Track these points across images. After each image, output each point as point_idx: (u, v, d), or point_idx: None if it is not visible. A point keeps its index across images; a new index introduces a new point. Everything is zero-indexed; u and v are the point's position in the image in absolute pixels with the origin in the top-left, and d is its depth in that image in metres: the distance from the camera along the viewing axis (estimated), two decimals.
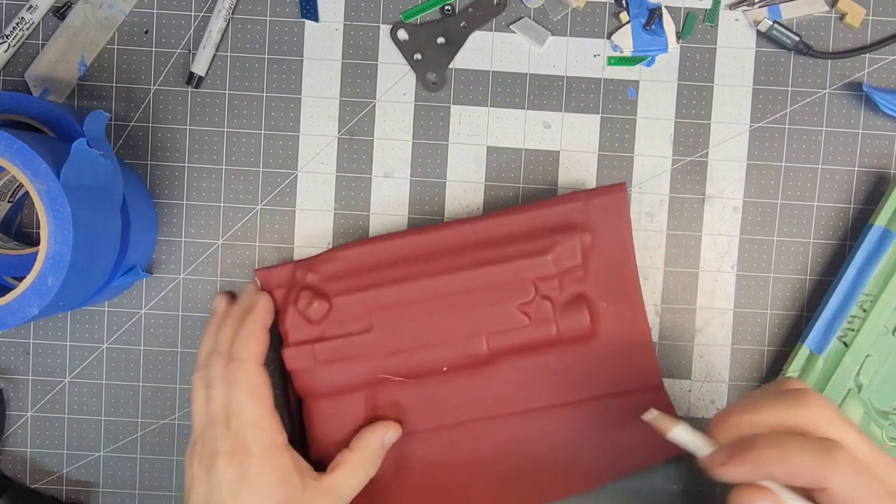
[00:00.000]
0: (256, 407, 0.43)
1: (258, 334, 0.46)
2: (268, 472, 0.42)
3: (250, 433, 0.43)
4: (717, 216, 0.52)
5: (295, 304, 0.47)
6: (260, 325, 0.46)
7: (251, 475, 0.42)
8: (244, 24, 0.51)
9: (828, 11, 0.51)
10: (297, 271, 0.49)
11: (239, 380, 0.44)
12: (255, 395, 0.44)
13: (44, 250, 0.40)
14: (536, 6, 0.51)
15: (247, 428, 0.43)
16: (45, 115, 0.46)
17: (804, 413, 0.35)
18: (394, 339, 0.47)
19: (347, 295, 0.47)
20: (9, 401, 0.52)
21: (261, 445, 0.43)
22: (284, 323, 0.48)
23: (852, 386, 0.49)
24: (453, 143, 0.52)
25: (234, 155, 0.52)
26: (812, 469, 0.33)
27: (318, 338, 0.47)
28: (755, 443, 0.34)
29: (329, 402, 0.48)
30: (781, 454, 0.34)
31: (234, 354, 0.45)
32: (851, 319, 0.49)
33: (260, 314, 0.46)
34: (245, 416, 0.43)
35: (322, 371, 0.47)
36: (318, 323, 0.47)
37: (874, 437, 0.49)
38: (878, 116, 0.51)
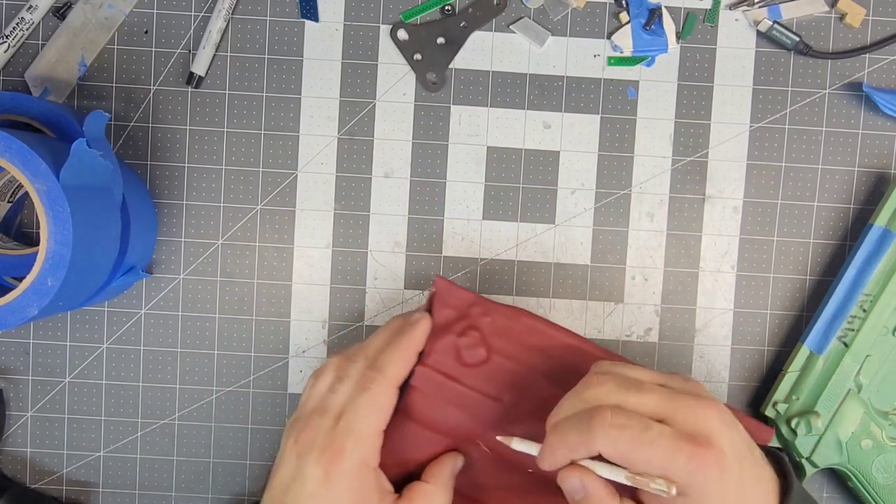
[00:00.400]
0: (371, 422, 0.43)
1: (408, 356, 0.45)
2: (352, 487, 0.42)
3: (351, 443, 0.42)
4: (717, 216, 0.52)
5: (457, 335, 0.46)
6: (414, 348, 0.45)
7: (335, 483, 0.41)
8: (244, 24, 0.51)
9: (828, 11, 0.51)
10: (476, 307, 0.46)
11: (370, 389, 0.43)
12: (377, 410, 0.43)
13: (44, 250, 0.40)
14: (536, 6, 0.51)
15: (351, 436, 0.42)
16: (45, 115, 0.46)
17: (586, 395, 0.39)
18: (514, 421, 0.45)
19: (507, 361, 0.46)
20: (9, 401, 0.52)
21: (355, 459, 0.42)
22: (434, 343, 0.46)
23: (852, 386, 0.49)
24: (453, 143, 0.52)
25: (234, 155, 0.52)
26: (580, 442, 0.37)
27: (456, 377, 0.46)
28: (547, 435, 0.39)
29: (420, 430, 0.46)
30: (560, 437, 0.38)
31: (378, 364, 0.44)
32: (851, 319, 0.49)
33: (418, 338, 0.45)
34: (355, 425, 0.42)
35: (437, 405, 0.45)
36: (464, 364, 0.46)
37: (874, 438, 0.49)
38: (877, 116, 0.51)
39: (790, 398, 0.49)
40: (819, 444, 0.49)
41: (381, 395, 0.43)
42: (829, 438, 0.49)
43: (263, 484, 0.49)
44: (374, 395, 0.43)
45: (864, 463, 0.49)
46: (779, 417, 0.49)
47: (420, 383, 0.45)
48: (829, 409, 0.49)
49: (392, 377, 0.43)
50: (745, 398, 0.52)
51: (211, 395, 0.52)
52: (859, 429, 0.49)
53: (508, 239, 0.52)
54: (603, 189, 0.52)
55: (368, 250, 0.52)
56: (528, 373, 0.46)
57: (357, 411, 0.42)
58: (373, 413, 0.43)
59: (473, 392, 0.45)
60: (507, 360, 0.46)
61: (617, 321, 0.52)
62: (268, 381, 0.52)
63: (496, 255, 0.52)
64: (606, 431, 0.36)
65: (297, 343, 0.52)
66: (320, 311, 0.52)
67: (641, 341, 0.52)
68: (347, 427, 0.42)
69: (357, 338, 0.53)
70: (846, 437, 0.49)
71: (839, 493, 0.52)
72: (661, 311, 0.52)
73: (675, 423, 0.37)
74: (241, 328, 0.52)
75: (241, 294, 0.52)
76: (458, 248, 0.52)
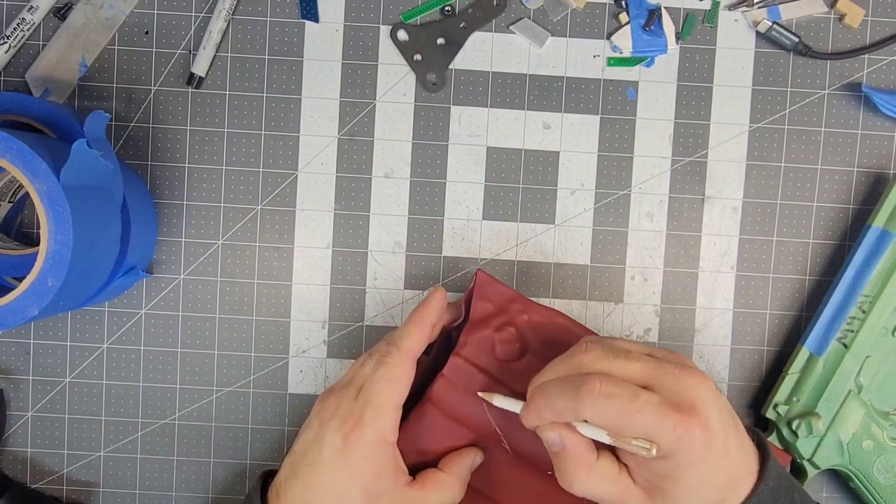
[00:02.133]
0: (387, 395, 0.43)
1: (419, 328, 0.45)
2: (368, 458, 0.42)
3: (369, 415, 0.42)
4: (717, 216, 0.52)
5: (494, 330, 0.46)
6: (423, 320, 0.45)
7: (352, 452, 0.42)
8: (244, 24, 0.51)
9: (827, 12, 0.51)
10: (515, 303, 0.47)
11: (386, 363, 0.44)
12: (392, 383, 0.43)
13: (44, 250, 0.40)
14: (536, 7, 0.51)
15: (369, 408, 0.43)
16: (45, 115, 0.46)
17: (574, 361, 0.40)
18: None
19: (538, 360, 0.45)
20: (9, 401, 0.52)
21: (373, 432, 0.42)
22: (470, 335, 0.46)
23: (852, 387, 0.49)
24: (453, 144, 0.52)
25: (234, 155, 0.52)
26: (567, 408, 0.38)
27: (488, 371, 0.46)
28: (531, 395, 0.40)
29: (444, 420, 0.46)
30: (546, 400, 0.39)
31: (394, 338, 0.45)
32: (850, 321, 0.49)
33: (427, 309, 0.45)
34: (372, 397, 0.43)
35: (465, 397, 0.45)
36: (497, 359, 0.46)
37: (875, 438, 0.49)
38: (877, 117, 0.51)
39: (791, 400, 0.49)
40: (820, 445, 0.49)
41: (396, 368, 0.43)
42: (830, 440, 0.49)
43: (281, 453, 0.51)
44: (390, 369, 0.43)
45: (866, 464, 0.49)
46: (779, 419, 0.49)
47: (451, 373, 0.45)
48: (829, 411, 0.49)
49: (404, 350, 0.44)
50: (745, 398, 0.52)
51: (211, 395, 0.52)
52: (860, 430, 0.49)
53: (508, 239, 0.52)
54: (603, 189, 0.52)
55: (368, 250, 0.52)
56: None
57: (374, 384, 0.43)
58: (388, 386, 0.43)
59: (503, 388, 0.45)
60: (540, 360, 0.46)
61: (616, 321, 0.52)
62: (268, 381, 0.52)
63: (496, 256, 0.52)
64: (595, 400, 0.37)
65: (297, 343, 0.52)
66: (320, 312, 0.52)
67: (641, 341, 0.52)
68: (366, 399, 0.43)
69: (357, 338, 0.53)
70: (847, 439, 0.49)
71: (841, 493, 0.52)
72: (660, 311, 0.52)
73: (661, 391, 0.38)
74: (241, 328, 0.52)
75: (241, 294, 0.52)
76: (458, 248, 0.52)
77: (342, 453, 0.42)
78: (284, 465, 0.44)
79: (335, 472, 0.42)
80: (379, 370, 0.44)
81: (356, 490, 0.42)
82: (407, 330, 0.45)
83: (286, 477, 0.43)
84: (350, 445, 0.42)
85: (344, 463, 0.42)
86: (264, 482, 0.45)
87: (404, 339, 0.44)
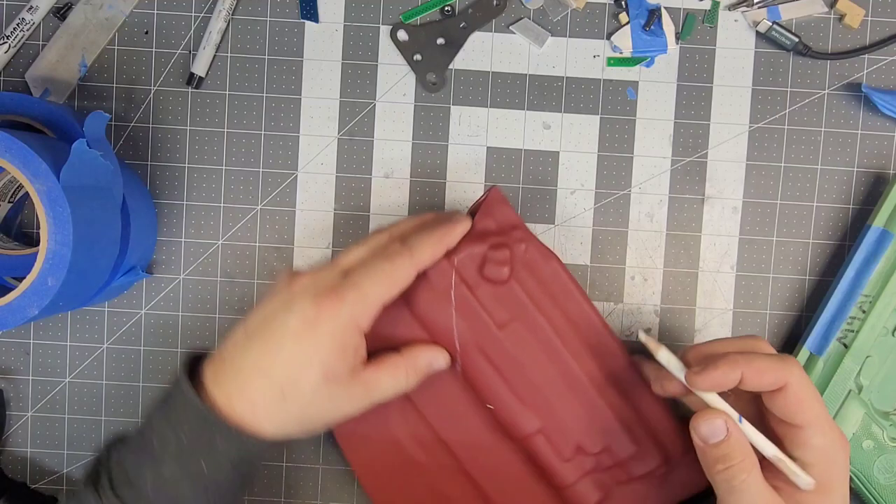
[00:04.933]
0: (380, 289, 0.41)
1: (439, 249, 0.44)
2: (336, 336, 0.41)
3: (353, 296, 0.41)
4: (717, 216, 0.52)
5: (489, 247, 0.45)
6: (447, 244, 0.44)
7: (322, 326, 0.40)
8: (244, 24, 0.51)
9: (827, 12, 0.51)
10: (517, 230, 0.46)
11: (394, 260, 0.42)
12: (390, 282, 0.42)
13: (44, 250, 0.40)
14: (536, 7, 0.51)
15: (356, 290, 0.41)
16: (45, 115, 0.46)
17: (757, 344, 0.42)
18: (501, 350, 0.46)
19: (523, 293, 0.45)
20: (9, 401, 0.52)
21: (350, 314, 0.41)
22: (465, 244, 0.45)
23: (853, 387, 0.49)
24: (453, 144, 0.52)
25: (234, 155, 0.52)
26: (773, 369, 0.39)
27: (470, 285, 0.45)
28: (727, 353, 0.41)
29: (412, 321, 0.45)
30: (748, 359, 0.40)
31: (410, 242, 0.43)
32: (851, 321, 0.49)
33: (451, 235, 0.44)
34: (364, 283, 0.41)
35: (440, 304, 0.45)
36: (482, 277, 0.45)
37: (875, 438, 0.49)
38: (876, 117, 0.51)
39: None
40: None
41: (401, 270, 0.42)
42: None
43: None
44: (395, 268, 0.42)
45: (866, 464, 0.49)
46: None
47: (434, 275, 0.45)
48: (829, 411, 0.49)
49: (417, 259, 0.43)
50: None
51: None
52: (860, 430, 0.49)
53: None
54: (602, 189, 0.52)
55: None
56: (534, 315, 0.46)
57: (371, 274, 0.42)
58: (386, 282, 0.42)
59: (479, 307, 0.45)
60: (523, 293, 0.46)
61: (616, 321, 0.52)
62: None
63: None
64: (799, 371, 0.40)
65: None
66: None
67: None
68: (356, 282, 0.41)
69: None
70: (847, 438, 0.49)
71: None
72: (660, 311, 0.52)
73: None
74: None
75: (241, 294, 0.52)
76: None
77: (311, 325, 0.40)
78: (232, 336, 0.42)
79: (299, 342, 0.40)
80: (383, 263, 0.42)
81: (317, 365, 0.40)
82: (425, 243, 0.43)
83: (236, 344, 0.41)
84: (322, 319, 0.40)
85: (311, 334, 0.40)
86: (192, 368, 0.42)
87: (419, 251, 0.43)
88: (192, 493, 0.40)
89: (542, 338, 0.46)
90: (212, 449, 0.40)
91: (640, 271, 0.52)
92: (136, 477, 0.40)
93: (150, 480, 0.40)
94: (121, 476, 0.40)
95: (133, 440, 0.42)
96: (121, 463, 0.41)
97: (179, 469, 0.40)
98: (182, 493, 0.40)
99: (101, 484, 0.40)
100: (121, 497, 0.40)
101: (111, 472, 0.41)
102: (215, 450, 0.40)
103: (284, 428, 0.41)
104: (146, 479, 0.40)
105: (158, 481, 0.40)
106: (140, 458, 0.40)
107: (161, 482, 0.40)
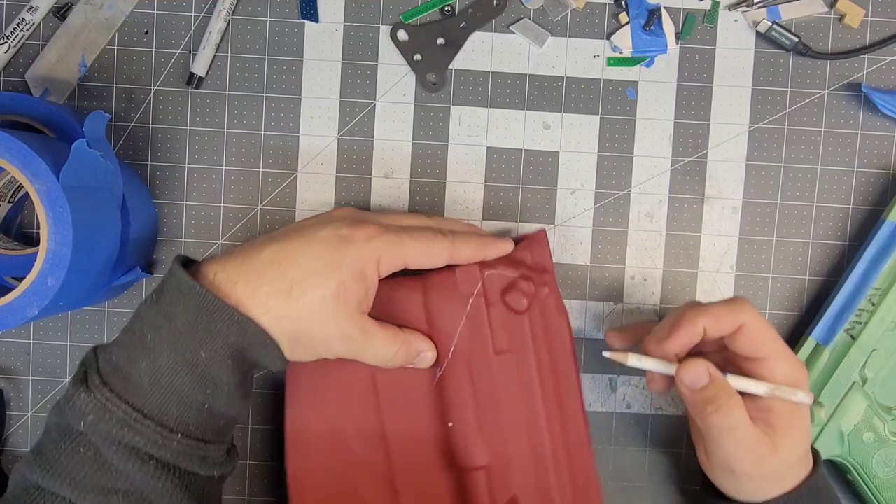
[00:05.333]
0: (414, 250, 0.42)
1: (478, 256, 0.45)
2: (359, 263, 0.41)
3: (387, 238, 0.42)
4: (717, 216, 0.52)
5: (520, 278, 0.46)
6: (487, 255, 0.45)
7: (351, 246, 0.41)
8: (244, 24, 0.51)
9: (827, 12, 0.51)
10: (546, 275, 0.47)
11: (437, 238, 0.43)
12: (425, 251, 0.43)
13: (44, 250, 0.40)
14: (536, 7, 0.51)
15: (393, 235, 0.42)
16: (45, 115, 0.46)
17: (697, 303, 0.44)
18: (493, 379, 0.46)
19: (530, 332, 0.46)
20: (9, 401, 0.52)
21: (378, 251, 0.41)
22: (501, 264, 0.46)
23: (857, 379, 0.49)
24: (453, 144, 0.52)
25: (234, 155, 0.52)
26: (727, 312, 0.42)
27: (489, 299, 0.45)
28: (683, 313, 0.43)
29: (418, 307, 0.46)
30: (703, 310, 0.42)
31: (456, 238, 0.44)
32: (860, 313, 0.49)
33: (496, 251, 0.46)
34: (403, 238, 0.42)
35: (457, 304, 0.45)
36: (502, 301, 0.46)
37: (876, 431, 0.49)
38: (876, 117, 0.51)
39: None
40: (821, 434, 0.49)
41: (439, 247, 0.43)
42: (832, 429, 0.49)
43: None
44: (435, 242, 0.43)
45: (865, 456, 0.49)
46: None
47: (462, 276, 0.45)
48: (832, 401, 0.49)
49: (456, 249, 0.44)
50: None
51: None
52: (862, 422, 0.49)
53: None
54: (602, 189, 0.52)
55: None
56: (529, 356, 0.46)
57: (413, 233, 0.43)
58: (422, 247, 0.43)
59: (487, 325, 0.46)
60: (529, 332, 0.46)
61: (616, 321, 0.52)
62: (268, 380, 0.52)
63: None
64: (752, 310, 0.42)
65: None
66: None
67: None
68: (396, 230, 0.42)
69: None
70: (848, 429, 0.49)
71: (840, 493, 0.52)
72: (660, 311, 0.52)
73: None
74: None
75: None
76: None
77: (342, 240, 0.41)
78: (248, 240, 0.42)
79: (325, 250, 0.40)
80: (427, 232, 0.43)
81: (333, 279, 0.40)
82: (469, 240, 0.45)
83: (253, 243, 0.41)
84: (353, 240, 0.41)
85: (339, 248, 0.40)
86: None
87: (462, 244, 0.44)
88: (190, 381, 0.38)
89: (526, 380, 0.46)
90: (210, 333, 0.38)
91: (640, 271, 0.52)
92: (129, 370, 0.38)
93: (146, 372, 0.38)
94: (112, 372, 0.38)
95: (120, 338, 0.40)
96: (110, 360, 0.39)
97: (176, 356, 0.38)
98: (180, 382, 0.38)
99: (91, 381, 0.38)
100: (116, 392, 0.38)
101: (101, 370, 0.38)
102: (213, 333, 0.38)
103: (278, 328, 0.40)
104: (142, 370, 0.38)
105: (155, 372, 0.38)
106: (132, 353, 0.39)
107: (158, 373, 0.38)
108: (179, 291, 0.39)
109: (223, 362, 0.39)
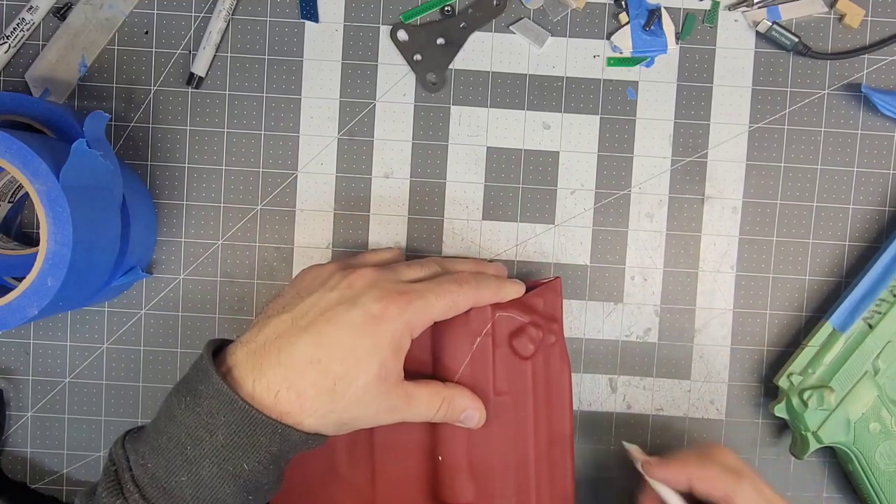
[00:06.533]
0: (443, 306, 0.43)
1: (494, 296, 0.45)
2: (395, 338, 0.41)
3: (417, 304, 0.41)
4: (717, 216, 0.52)
5: (528, 321, 0.47)
6: (499, 296, 0.46)
7: (386, 324, 0.40)
8: (244, 24, 0.51)
9: (827, 12, 0.51)
10: (555, 324, 0.48)
11: (462, 286, 0.44)
12: (452, 304, 0.43)
13: (44, 250, 0.40)
14: (536, 7, 0.51)
15: (422, 300, 0.42)
16: (45, 115, 0.46)
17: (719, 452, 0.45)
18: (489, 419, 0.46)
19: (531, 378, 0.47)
20: (9, 401, 0.52)
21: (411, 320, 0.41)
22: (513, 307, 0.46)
23: (870, 368, 0.49)
24: (453, 144, 0.52)
25: (234, 155, 0.52)
26: (723, 480, 0.42)
27: (497, 342, 0.46)
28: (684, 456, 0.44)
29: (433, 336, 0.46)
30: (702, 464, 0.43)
31: (479, 278, 0.45)
32: (879, 303, 0.49)
33: (511, 294, 0.46)
34: (430, 298, 0.42)
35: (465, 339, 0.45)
36: (509, 343, 0.46)
37: (883, 423, 0.49)
38: (876, 117, 0.51)
39: (806, 371, 0.49)
40: (828, 419, 0.49)
41: (464, 296, 0.44)
42: (839, 416, 0.49)
43: None
44: (461, 292, 0.44)
45: (869, 446, 0.49)
46: (791, 388, 0.50)
47: (474, 314, 0.46)
48: (843, 387, 0.49)
49: (480, 294, 0.45)
50: (745, 398, 0.52)
51: None
52: (870, 411, 0.49)
53: (508, 239, 0.52)
54: (602, 189, 0.52)
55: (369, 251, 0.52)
56: (528, 402, 0.47)
57: (438, 290, 0.43)
58: (448, 301, 0.43)
59: (491, 366, 0.46)
60: (531, 378, 0.47)
61: (616, 321, 0.52)
62: None
63: (496, 256, 0.52)
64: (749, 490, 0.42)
65: None
66: None
67: (641, 341, 0.52)
68: (423, 292, 0.42)
69: None
70: (856, 417, 0.49)
71: (841, 493, 0.52)
72: (660, 311, 0.52)
73: None
74: (242, 328, 0.52)
75: (241, 294, 0.52)
76: (458, 248, 0.52)
77: (375, 321, 0.40)
78: (273, 323, 0.41)
79: (360, 337, 0.40)
80: (451, 284, 0.43)
81: (375, 362, 0.40)
82: (490, 284, 0.45)
83: (281, 334, 0.40)
84: (386, 318, 0.40)
85: (373, 331, 0.40)
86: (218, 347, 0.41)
87: (485, 287, 0.45)
88: (233, 491, 0.38)
89: (522, 426, 0.46)
90: (253, 446, 0.38)
91: (640, 271, 0.52)
92: (168, 483, 0.38)
93: (188, 485, 0.38)
94: (151, 484, 0.38)
95: (154, 440, 0.39)
96: (146, 468, 0.38)
97: (218, 469, 0.38)
98: (223, 494, 0.38)
99: (128, 491, 0.38)
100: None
101: (136, 479, 0.38)
102: (257, 446, 0.38)
103: (324, 424, 0.40)
104: (183, 483, 0.38)
105: (197, 484, 0.38)
106: (171, 463, 0.38)
107: (200, 485, 0.38)
108: (219, 401, 0.38)
109: (266, 469, 0.39)
